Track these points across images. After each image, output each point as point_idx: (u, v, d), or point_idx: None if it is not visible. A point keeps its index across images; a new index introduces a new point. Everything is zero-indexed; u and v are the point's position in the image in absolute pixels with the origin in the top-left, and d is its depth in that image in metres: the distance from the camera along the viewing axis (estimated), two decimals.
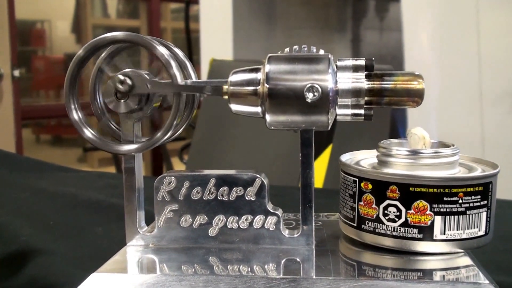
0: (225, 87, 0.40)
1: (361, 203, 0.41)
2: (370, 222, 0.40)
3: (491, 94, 1.22)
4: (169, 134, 0.41)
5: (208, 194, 0.42)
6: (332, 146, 1.07)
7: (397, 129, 1.18)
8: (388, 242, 0.40)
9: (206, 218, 0.42)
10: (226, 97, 0.41)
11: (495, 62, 1.22)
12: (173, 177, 0.42)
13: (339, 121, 0.41)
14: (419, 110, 0.51)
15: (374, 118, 0.41)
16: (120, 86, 0.40)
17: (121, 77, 0.40)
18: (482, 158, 0.43)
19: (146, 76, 0.41)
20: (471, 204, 0.38)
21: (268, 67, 0.39)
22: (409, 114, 1.23)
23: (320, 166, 1.05)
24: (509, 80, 1.21)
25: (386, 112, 1.14)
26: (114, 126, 0.44)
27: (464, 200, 0.38)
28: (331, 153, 1.06)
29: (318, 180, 1.03)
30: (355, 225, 0.41)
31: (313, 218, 0.41)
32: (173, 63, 0.40)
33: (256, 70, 0.40)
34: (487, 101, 1.22)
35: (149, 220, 0.44)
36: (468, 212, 0.38)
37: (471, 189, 0.38)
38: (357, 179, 0.41)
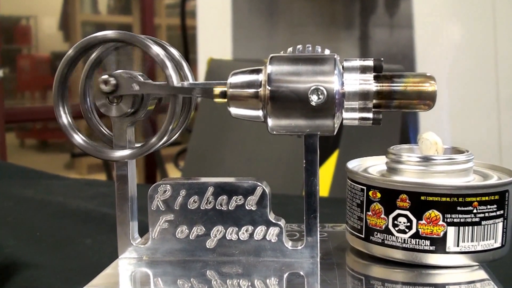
0: (218, 89, 0.41)
1: (369, 213, 0.41)
2: (378, 233, 0.41)
3: (509, 97, 1.22)
4: (164, 139, 0.41)
5: (206, 203, 0.42)
6: (339, 152, 1.07)
7: (408, 134, 1.19)
8: (398, 255, 0.40)
9: (204, 229, 0.42)
10: (217, 100, 0.41)
11: None
12: (168, 185, 0.43)
13: (346, 125, 0.42)
14: (432, 114, 0.52)
15: (383, 123, 0.41)
16: (104, 87, 0.40)
17: (105, 76, 0.41)
18: (498, 165, 0.44)
19: (138, 76, 0.41)
20: (487, 214, 0.39)
21: (270, 68, 0.40)
22: (421, 118, 1.23)
23: (326, 173, 1.05)
24: None
25: (397, 116, 1.14)
26: (106, 131, 0.44)
27: (479, 209, 0.39)
28: (337, 159, 1.06)
29: (324, 188, 1.04)
30: (363, 236, 0.42)
31: (318, 229, 0.42)
32: (168, 64, 0.40)
33: (257, 71, 0.40)
34: (505, 104, 1.22)
35: (143, 231, 0.45)
36: (483, 222, 0.39)
37: (487, 198, 0.39)
38: (365, 188, 0.41)
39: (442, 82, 1.21)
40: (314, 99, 0.39)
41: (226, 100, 0.41)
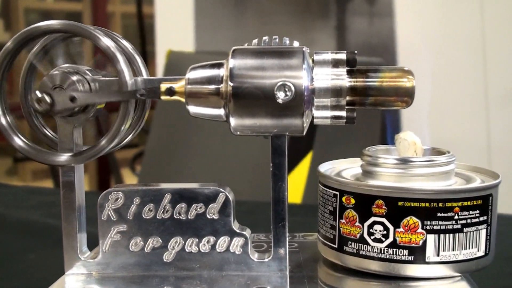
0: (164, 86, 0.41)
1: (343, 220, 0.42)
2: (353, 243, 0.41)
3: (498, 93, 1.24)
4: (115, 142, 0.41)
5: (163, 212, 0.43)
6: (312, 154, 1.08)
7: (389, 134, 1.20)
8: (374, 266, 0.41)
9: (160, 240, 0.43)
10: (164, 97, 0.41)
11: (503, 56, 1.25)
12: (120, 193, 0.43)
13: (319, 125, 0.42)
14: (415, 112, 0.53)
15: (362, 121, 0.42)
16: (37, 106, 0.40)
17: (39, 94, 0.40)
18: (481, 167, 0.45)
19: (88, 73, 0.41)
20: (469, 220, 0.40)
21: (232, 62, 0.40)
22: (403, 117, 1.25)
23: (299, 178, 1.06)
24: None
25: (377, 114, 1.16)
26: (50, 133, 0.44)
27: (461, 215, 0.40)
28: (311, 162, 1.07)
29: (297, 195, 1.05)
30: (336, 246, 0.42)
31: (287, 239, 0.42)
32: (120, 57, 0.40)
33: (219, 66, 0.41)
34: (494, 101, 1.24)
35: (92, 244, 0.45)
36: (465, 229, 0.40)
37: (469, 202, 0.40)
38: (337, 193, 0.42)
39: (426, 77, 1.23)
40: (280, 96, 0.39)
41: (174, 98, 0.41)
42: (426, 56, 1.29)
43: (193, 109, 0.41)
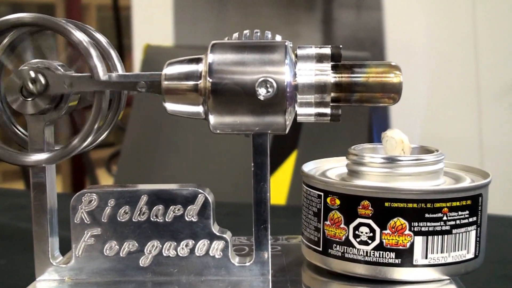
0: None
1: (327, 222, 0.42)
2: (338, 246, 0.42)
3: (491, 89, 1.25)
4: (89, 140, 0.41)
5: (139, 214, 0.43)
6: (297, 154, 1.09)
7: (373, 132, 1.21)
8: (359, 270, 0.41)
9: (137, 244, 0.43)
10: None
11: (496, 50, 1.26)
12: (94, 194, 0.43)
13: (305, 123, 0.43)
14: (403, 109, 0.53)
15: (349, 119, 0.42)
16: (31, 86, 0.40)
17: (33, 73, 0.40)
18: (471, 166, 0.45)
19: (60, 68, 0.41)
20: (458, 222, 0.40)
21: (211, 57, 0.40)
22: (392, 114, 1.26)
23: (283, 178, 1.06)
24: None
25: (365, 111, 1.16)
26: (20, 131, 0.44)
27: (450, 216, 0.40)
28: (296, 161, 1.07)
29: (281, 196, 1.05)
30: (320, 249, 0.43)
31: (269, 242, 0.42)
32: (93, 52, 0.40)
33: (197, 61, 0.41)
34: (486, 97, 1.25)
35: (65, 248, 0.44)
36: (454, 231, 0.40)
37: (458, 203, 0.40)
38: (322, 194, 0.42)
39: (415, 72, 1.24)
40: (262, 92, 0.39)
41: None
42: (415, 50, 1.29)
43: (170, 106, 0.41)
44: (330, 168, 0.47)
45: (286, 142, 1.09)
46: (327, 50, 0.42)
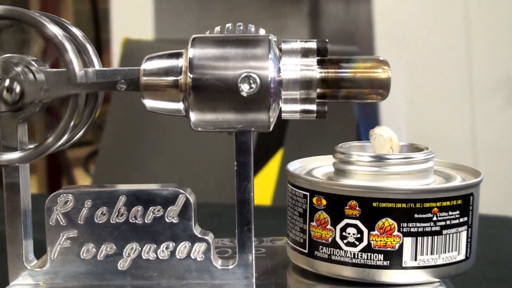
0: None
1: (313, 223, 0.42)
2: (324, 248, 0.42)
3: (483, 84, 1.26)
4: (64, 139, 0.41)
5: (117, 216, 0.43)
6: (283, 152, 1.09)
7: (359, 129, 1.21)
8: (347, 272, 0.41)
9: (115, 247, 0.43)
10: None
11: (489, 44, 1.26)
12: (70, 195, 0.43)
13: (291, 120, 0.43)
14: (392, 105, 0.53)
15: (338, 116, 0.42)
16: (5, 95, 0.40)
17: (7, 82, 0.40)
18: (462, 164, 0.46)
19: (32, 63, 0.41)
20: (448, 222, 0.41)
21: (192, 52, 0.40)
22: (382, 110, 1.26)
23: (268, 177, 1.06)
24: (507, 67, 1.26)
25: (353, 107, 1.17)
26: None
27: (440, 217, 0.40)
28: (281, 160, 1.08)
29: (266, 196, 1.05)
30: (306, 251, 0.43)
31: (253, 243, 0.42)
32: (68, 47, 0.40)
33: (177, 56, 0.41)
34: (479, 93, 1.26)
35: (40, 251, 0.44)
36: (444, 231, 0.41)
37: (448, 203, 0.40)
38: (308, 193, 0.42)
39: (405, 67, 1.24)
40: (245, 88, 0.40)
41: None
42: (405, 44, 1.30)
43: (149, 103, 0.41)
44: (317, 167, 0.47)
45: (271, 140, 1.10)
46: (312, 44, 0.42)
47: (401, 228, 0.40)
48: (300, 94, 0.41)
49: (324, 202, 0.41)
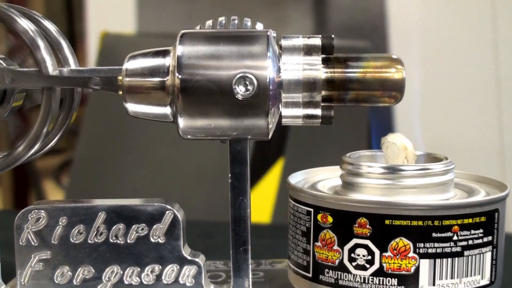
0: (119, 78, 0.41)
1: (318, 243, 0.42)
2: (330, 271, 0.42)
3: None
4: (36, 147, 0.42)
5: (96, 235, 0.43)
6: (284, 162, 1.09)
7: (371, 136, 1.21)
8: None
9: (93, 270, 0.43)
10: (121, 92, 0.42)
11: None
12: (42, 211, 0.43)
13: (289, 126, 0.43)
14: (409, 109, 0.54)
15: (346, 121, 0.42)
16: None
17: None
18: (486, 177, 0.46)
19: (1, 62, 0.42)
20: (471, 242, 0.41)
21: (180, 50, 0.41)
22: (396, 115, 1.26)
23: (267, 191, 1.06)
24: None
25: (364, 111, 1.17)
26: None
27: (461, 236, 0.40)
28: (282, 171, 1.08)
29: (264, 212, 1.05)
30: (310, 275, 0.43)
31: (250, 266, 0.43)
32: (41, 43, 0.40)
33: (164, 54, 0.41)
34: (508, 95, 1.26)
35: (9, 275, 0.45)
36: (466, 252, 0.41)
37: (470, 220, 0.41)
38: (311, 210, 0.43)
39: (422, 65, 1.24)
40: (240, 90, 0.40)
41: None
42: (423, 39, 1.30)
43: (132, 107, 0.42)
44: (322, 180, 0.47)
45: (270, 149, 1.10)
46: (317, 41, 0.42)
47: (417, 249, 0.40)
48: (303, 97, 0.41)
49: (330, 219, 0.42)
